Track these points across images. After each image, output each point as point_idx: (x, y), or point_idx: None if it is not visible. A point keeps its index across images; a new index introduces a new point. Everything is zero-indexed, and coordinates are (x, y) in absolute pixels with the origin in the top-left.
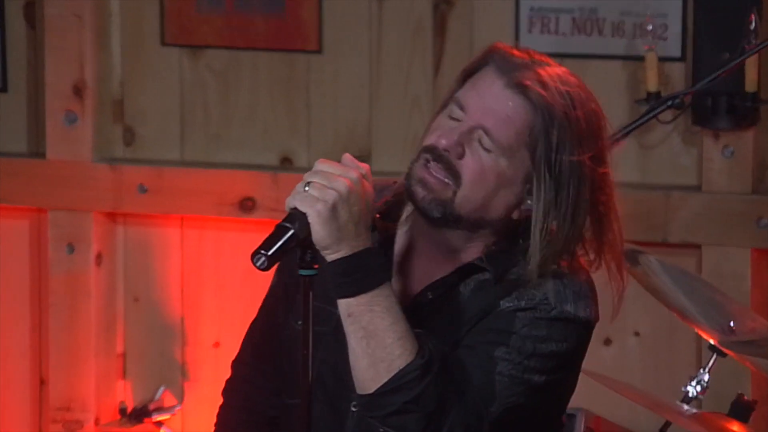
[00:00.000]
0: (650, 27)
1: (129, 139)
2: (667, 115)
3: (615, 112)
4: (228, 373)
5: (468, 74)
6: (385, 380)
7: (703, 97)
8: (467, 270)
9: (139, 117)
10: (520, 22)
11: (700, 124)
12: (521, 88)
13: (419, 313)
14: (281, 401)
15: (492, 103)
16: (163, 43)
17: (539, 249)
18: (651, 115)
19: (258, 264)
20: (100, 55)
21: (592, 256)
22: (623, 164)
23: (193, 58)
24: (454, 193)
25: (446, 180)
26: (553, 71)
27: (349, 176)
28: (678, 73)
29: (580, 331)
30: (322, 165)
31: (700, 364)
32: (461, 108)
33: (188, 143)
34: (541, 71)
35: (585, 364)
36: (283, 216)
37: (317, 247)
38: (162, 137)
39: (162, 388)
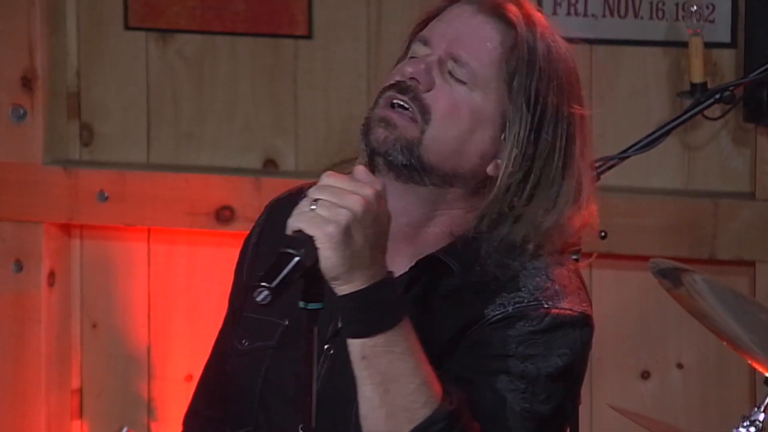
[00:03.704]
0: (695, 8)
1: (87, 139)
2: (715, 110)
3: (654, 107)
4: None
5: (425, 20)
6: None
7: (756, 89)
8: (427, 265)
9: (99, 112)
10: (543, 3)
11: (754, 120)
12: (498, 11)
13: None
14: None
15: (462, 28)
16: (127, 27)
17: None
18: (696, 110)
19: (260, 299)
20: (53, 41)
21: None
22: (663, 168)
23: (161, 43)
24: (422, 132)
25: (413, 116)
26: (532, 8)
27: (363, 193)
28: (727, 62)
29: (581, 329)
30: (330, 179)
31: (754, 402)
32: (425, 43)
33: (156, 143)
34: (518, 2)
35: (620, 402)
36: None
37: (326, 277)
38: (125, 136)
39: (125, 429)
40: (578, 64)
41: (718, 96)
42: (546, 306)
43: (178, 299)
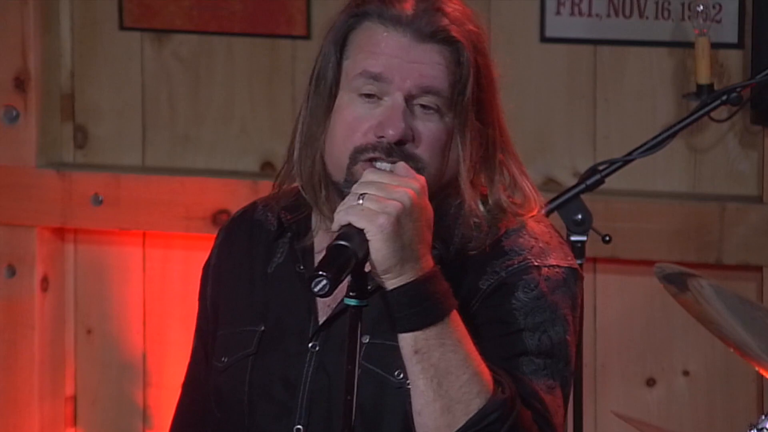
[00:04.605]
0: (701, 7)
1: (81, 141)
2: (722, 112)
3: (659, 108)
4: None
5: (342, 38)
6: (462, 424)
7: (764, 90)
8: None
9: (93, 114)
10: (546, 3)
11: (761, 122)
12: (440, 35)
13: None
14: None
15: (414, 58)
16: (122, 27)
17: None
18: (702, 112)
19: (318, 289)
20: (47, 41)
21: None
22: (669, 171)
23: (156, 44)
24: None
25: None
26: (456, 8)
27: (411, 186)
28: (734, 63)
29: (573, 283)
30: (373, 175)
31: (761, 410)
32: (377, 78)
33: (151, 146)
34: (446, 13)
35: (625, 409)
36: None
37: (375, 271)
38: (120, 139)
39: None
40: (581, 64)
41: (725, 97)
42: (536, 264)
43: (174, 305)
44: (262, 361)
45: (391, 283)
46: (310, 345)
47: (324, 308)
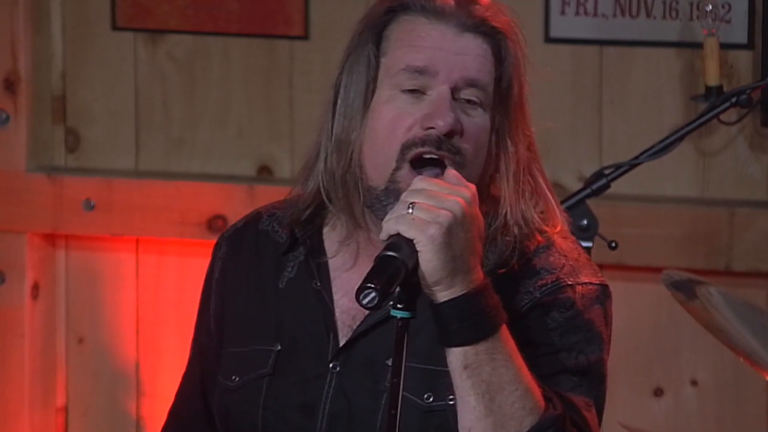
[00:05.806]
0: (710, 7)
1: (72, 144)
2: (732, 114)
3: (667, 111)
4: None
5: (378, 34)
6: None
7: None
8: None
9: (85, 117)
10: (551, 2)
11: None
12: (484, 26)
13: (387, 331)
14: None
15: (460, 49)
16: (114, 27)
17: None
18: (711, 114)
19: (366, 302)
20: (37, 41)
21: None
22: (677, 175)
23: (150, 44)
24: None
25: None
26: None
27: (462, 195)
28: (744, 64)
29: (605, 300)
30: (423, 183)
31: None
32: (421, 72)
33: (145, 149)
34: (486, 5)
35: (632, 420)
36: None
37: (425, 282)
38: (113, 142)
39: None
40: (586, 65)
41: (734, 99)
42: (569, 283)
43: (167, 312)
44: (278, 382)
45: (441, 295)
46: (330, 366)
47: (344, 327)
